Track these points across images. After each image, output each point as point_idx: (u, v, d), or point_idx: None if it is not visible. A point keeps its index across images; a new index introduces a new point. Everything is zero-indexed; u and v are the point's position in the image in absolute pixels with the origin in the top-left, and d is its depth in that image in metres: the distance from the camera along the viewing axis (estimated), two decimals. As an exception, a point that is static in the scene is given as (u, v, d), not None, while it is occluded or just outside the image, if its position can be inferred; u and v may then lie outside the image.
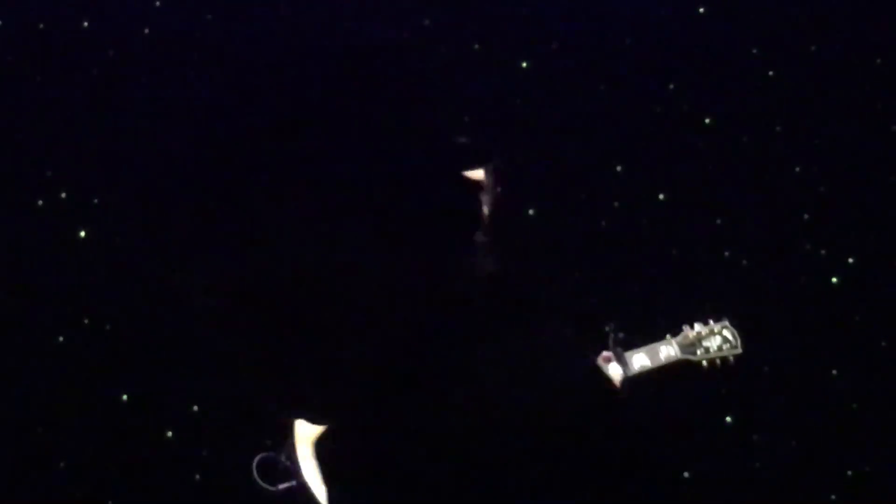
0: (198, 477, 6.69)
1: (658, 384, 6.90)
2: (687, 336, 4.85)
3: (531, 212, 7.09)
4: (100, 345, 6.85)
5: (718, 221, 7.07)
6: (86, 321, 6.87)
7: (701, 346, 4.85)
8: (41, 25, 6.88)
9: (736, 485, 6.97)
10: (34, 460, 6.74)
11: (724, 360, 4.91)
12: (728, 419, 7.06)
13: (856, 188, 7.03)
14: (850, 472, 7.01)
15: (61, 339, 6.87)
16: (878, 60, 7.06)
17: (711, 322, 4.92)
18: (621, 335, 4.65)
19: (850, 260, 7.08)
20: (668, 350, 4.81)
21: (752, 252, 7.06)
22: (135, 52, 6.88)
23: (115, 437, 6.77)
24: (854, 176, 7.03)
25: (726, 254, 7.05)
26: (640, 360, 4.75)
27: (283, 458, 4.27)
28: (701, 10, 7.13)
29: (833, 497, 7.00)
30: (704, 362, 4.87)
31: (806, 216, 7.07)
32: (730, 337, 4.95)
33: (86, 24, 6.90)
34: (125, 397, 6.85)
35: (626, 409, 4.13)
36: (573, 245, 6.88)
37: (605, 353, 4.64)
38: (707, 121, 7.13)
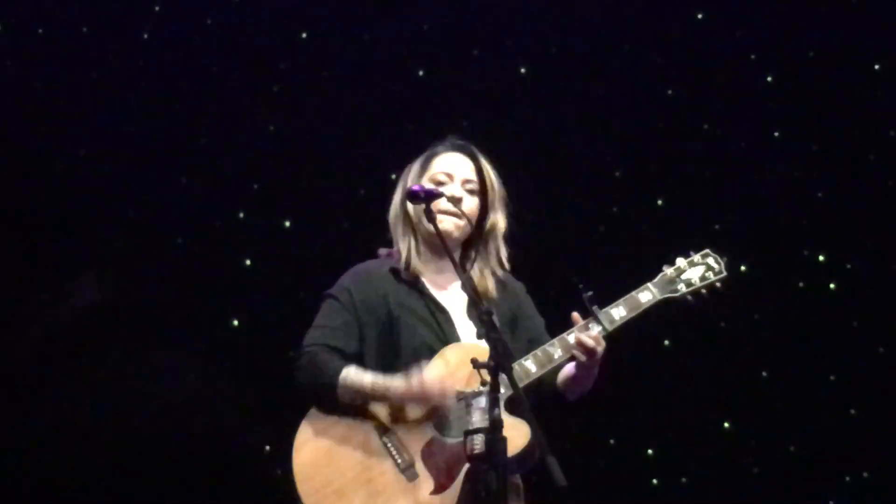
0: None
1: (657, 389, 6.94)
2: (665, 275, 4.53)
3: (529, 217, 7.08)
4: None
5: (717, 227, 7.07)
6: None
7: (681, 280, 4.52)
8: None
9: (733, 490, 6.97)
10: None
11: (709, 287, 4.53)
12: (726, 424, 7.06)
13: (854, 193, 7.03)
14: (847, 478, 7.01)
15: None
16: (877, 66, 7.07)
17: (692, 254, 4.60)
18: (590, 293, 4.37)
19: (848, 266, 7.08)
20: (646, 295, 4.50)
21: (750, 257, 7.06)
22: None
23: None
24: (852, 181, 7.03)
25: (724, 259, 7.04)
26: (618, 312, 4.46)
27: None
28: (699, 15, 7.14)
29: (831, 502, 7.00)
30: (690, 297, 4.51)
31: (804, 222, 7.07)
32: (713, 263, 4.58)
33: None
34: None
35: None
36: (573, 248, 6.90)
37: (574, 315, 4.42)
38: (705, 126, 7.14)
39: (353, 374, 4.36)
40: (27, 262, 6.79)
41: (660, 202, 7.09)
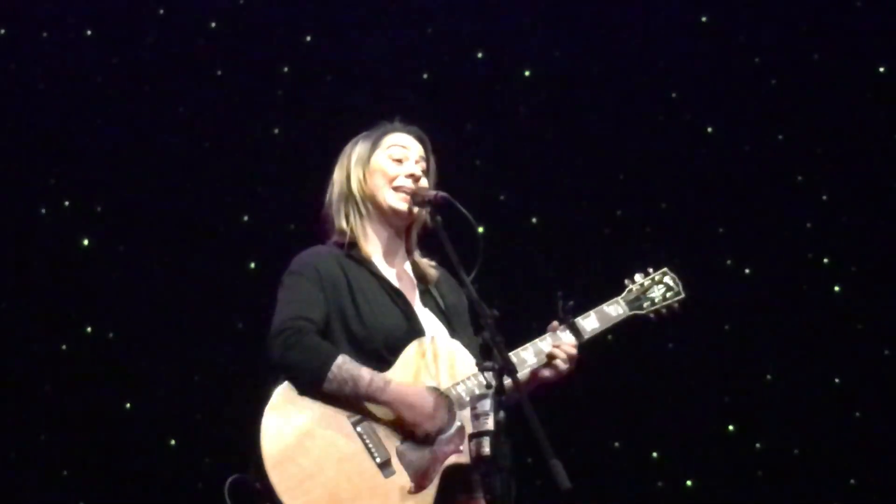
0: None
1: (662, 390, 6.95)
2: (631, 290, 4.62)
3: (534, 220, 7.10)
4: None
5: (720, 230, 7.08)
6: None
7: (646, 298, 4.63)
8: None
9: (738, 493, 6.97)
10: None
11: (669, 308, 4.64)
12: (730, 427, 7.07)
13: (858, 197, 7.04)
14: (852, 481, 7.01)
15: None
16: (881, 69, 7.07)
17: (651, 271, 4.69)
18: (571, 303, 4.44)
19: (853, 268, 7.08)
20: (616, 309, 4.59)
21: (755, 260, 7.07)
22: None
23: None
24: (856, 184, 7.04)
25: (728, 262, 7.06)
26: (590, 323, 4.52)
27: (252, 480, 4.21)
28: (703, 18, 7.14)
29: (835, 505, 7.02)
30: (652, 315, 4.62)
31: (808, 225, 7.07)
32: (671, 283, 4.68)
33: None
34: (128, 405, 6.86)
35: None
36: (576, 251, 6.91)
37: (553, 324, 4.44)
38: (709, 129, 7.15)
39: (349, 365, 4.18)
40: (27, 262, 6.81)
41: (663, 205, 7.09)
